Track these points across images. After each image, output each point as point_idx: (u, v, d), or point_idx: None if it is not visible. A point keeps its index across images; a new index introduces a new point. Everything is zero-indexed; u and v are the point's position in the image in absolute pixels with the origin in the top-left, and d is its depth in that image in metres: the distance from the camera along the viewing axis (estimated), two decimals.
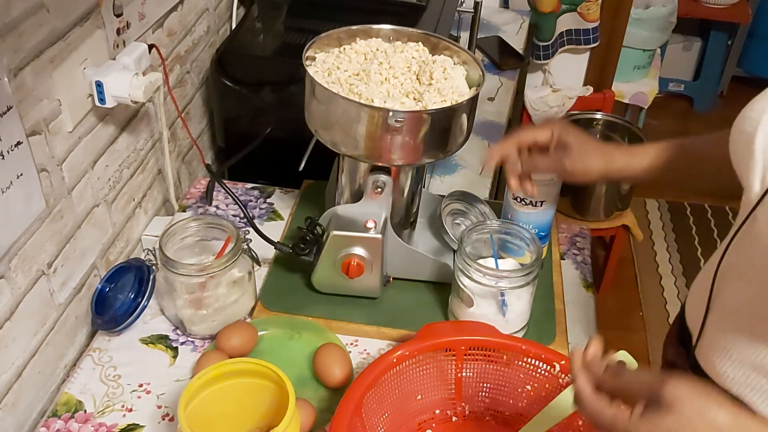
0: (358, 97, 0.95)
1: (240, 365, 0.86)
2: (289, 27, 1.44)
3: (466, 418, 0.93)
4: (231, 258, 0.99)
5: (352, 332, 1.06)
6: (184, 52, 1.29)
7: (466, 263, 0.97)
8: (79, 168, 0.99)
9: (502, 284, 0.97)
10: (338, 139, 0.99)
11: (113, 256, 1.12)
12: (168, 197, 1.26)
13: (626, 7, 2.28)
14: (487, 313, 0.99)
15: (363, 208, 1.03)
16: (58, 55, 0.90)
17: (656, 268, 2.57)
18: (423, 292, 1.11)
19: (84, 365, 1.00)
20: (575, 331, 1.07)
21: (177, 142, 1.31)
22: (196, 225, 1.05)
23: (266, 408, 0.87)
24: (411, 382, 0.89)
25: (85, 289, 1.05)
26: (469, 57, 1.04)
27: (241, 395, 0.87)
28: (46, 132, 0.90)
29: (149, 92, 1.00)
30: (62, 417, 0.94)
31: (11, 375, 0.90)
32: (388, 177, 1.04)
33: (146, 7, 1.10)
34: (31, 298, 0.92)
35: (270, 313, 1.07)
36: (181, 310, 1.02)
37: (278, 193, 1.32)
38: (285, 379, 0.82)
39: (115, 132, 1.08)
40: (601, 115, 1.96)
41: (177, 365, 1.01)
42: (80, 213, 1.01)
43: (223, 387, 0.86)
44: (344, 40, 1.05)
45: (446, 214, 1.15)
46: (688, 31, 3.30)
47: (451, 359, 0.90)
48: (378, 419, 0.86)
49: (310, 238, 1.05)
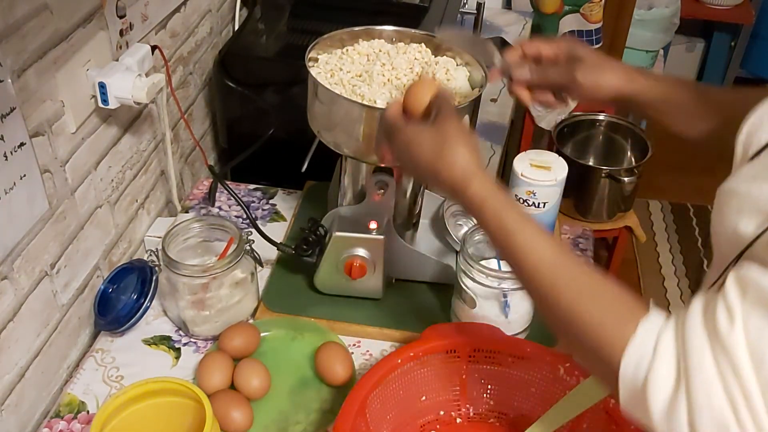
0: (360, 98, 0.95)
1: (157, 384, 0.83)
2: (291, 28, 1.44)
3: (470, 419, 0.93)
4: (234, 259, 0.99)
5: (355, 333, 1.05)
6: (187, 54, 1.29)
7: (468, 264, 0.97)
8: (82, 169, 0.99)
9: (504, 285, 0.97)
10: (341, 140, 0.99)
11: (116, 257, 1.12)
12: (171, 198, 1.27)
13: (629, 8, 2.28)
14: (490, 314, 0.99)
15: (365, 209, 1.03)
16: (61, 57, 0.90)
17: (659, 270, 2.57)
18: (425, 293, 1.11)
19: (87, 366, 1.00)
20: None
21: (180, 143, 1.31)
22: (199, 226, 1.05)
23: (188, 427, 0.84)
24: (415, 384, 0.89)
25: (88, 290, 1.05)
26: (471, 58, 1.04)
27: (162, 415, 0.84)
28: (50, 133, 0.90)
29: (152, 93, 1.00)
30: (65, 418, 0.94)
31: (14, 376, 0.90)
32: (390, 178, 1.04)
33: (149, 9, 1.10)
34: (34, 298, 0.92)
35: (272, 314, 1.07)
36: (184, 311, 1.02)
37: (281, 194, 1.32)
38: (203, 398, 0.80)
39: (118, 133, 1.08)
40: (604, 116, 1.95)
41: (180, 366, 1.01)
42: (83, 214, 1.01)
43: (143, 407, 0.83)
44: (347, 42, 1.05)
45: (448, 215, 1.15)
46: (691, 32, 3.29)
47: (456, 361, 0.90)
48: (382, 420, 0.86)
49: (312, 239, 1.05)
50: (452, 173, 0.73)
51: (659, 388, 0.59)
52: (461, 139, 0.75)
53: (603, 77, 0.88)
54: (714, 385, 0.56)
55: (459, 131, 0.76)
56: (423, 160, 0.76)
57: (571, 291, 0.65)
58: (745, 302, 0.56)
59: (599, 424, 0.84)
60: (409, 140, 0.78)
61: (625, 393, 0.61)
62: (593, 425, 0.84)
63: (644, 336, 0.60)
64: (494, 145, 1.53)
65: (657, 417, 0.60)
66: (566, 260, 0.68)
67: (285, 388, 0.98)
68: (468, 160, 0.73)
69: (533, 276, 0.68)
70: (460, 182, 0.73)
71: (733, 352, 0.56)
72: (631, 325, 0.61)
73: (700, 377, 0.57)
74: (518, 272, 0.70)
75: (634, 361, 0.60)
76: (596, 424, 0.84)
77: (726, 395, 0.56)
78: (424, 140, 0.76)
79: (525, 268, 0.68)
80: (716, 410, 0.56)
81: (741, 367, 0.55)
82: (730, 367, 0.56)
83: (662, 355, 0.59)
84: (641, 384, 0.60)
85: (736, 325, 0.56)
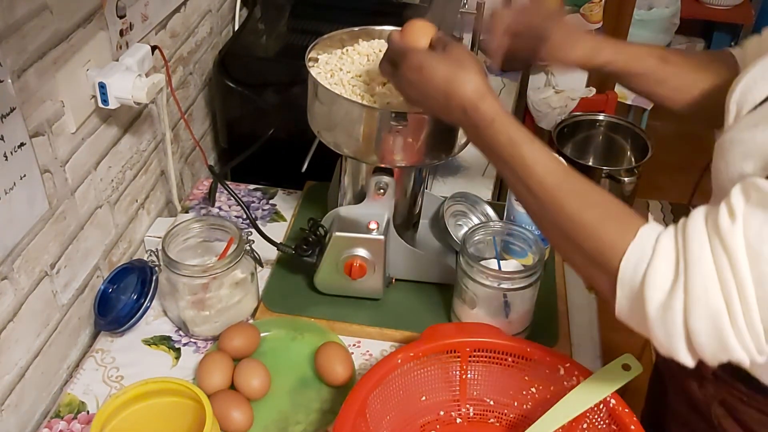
0: (360, 98, 0.95)
1: (157, 384, 0.83)
2: (291, 28, 1.44)
3: (470, 420, 0.93)
4: (234, 259, 0.99)
5: (355, 333, 1.05)
6: (187, 54, 1.29)
7: (468, 265, 0.97)
8: (82, 169, 0.99)
9: (504, 286, 0.97)
10: (341, 141, 0.99)
11: (116, 257, 1.12)
12: (171, 198, 1.27)
13: (629, 9, 2.28)
14: (490, 314, 0.99)
15: (365, 209, 1.03)
16: (61, 57, 0.90)
17: None
18: (425, 293, 1.11)
19: (87, 366, 1.00)
20: (578, 333, 1.07)
21: (180, 144, 1.31)
22: (199, 226, 1.05)
23: (188, 427, 0.84)
24: (415, 384, 0.89)
25: (88, 290, 1.05)
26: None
27: (162, 415, 0.84)
28: (50, 133, 0.90)
29: (152, 93, 1.00)
30: (65, 418, 0.94)
31: (14, 376, 0.90)
32: (390, 178, 1.04)
33: (149, 9, 1.10)
34: (34, 299, 0.92)
35: (272, 314, 1.07)
36: (184, 311, 1.02)
37: (281, 195, 1.32)
38: (203, 398, 0.80)
39: (118, 133, 1.08)
40: (604, 116, 1.96)
41: (180, 366, 1.01)
42: (83, 214, 1.01)
43: (143, 407, 0.83)
44: (347, 42, 1.06)
45: (449, 216, 1.15)
46: (691, 32, 3.29)
47: (456, 361, 0.90)
48: (382, 420, 0.86)
49: (312, 239, 1.05)
50: (465, 92, 0.77)
51: (657, 284, 0.62)
52: (474, 64, 0.79)
53: (568, 54, 0.93)
54: (711, 279, 0.60)
55: (471, 57, 0.80)
56: (436, 82, 0.79)
57: (576, 199, 0.69)
58: (748, 204, 0.60)
59: (599, 425, 0.84)
60: (422, 63, 0.81)
61: (623, 297, 0.65)
62: (593, 425, 0.84)
63: (644, 239, 0.64)
64: None
65: (653, 314, 0.63)
66: (571, 173, 0.72)
67: (285, 389, 0.98)
68: (480, 82, 0.77)
69: (539, 185, 0.71)
70: (474, 100, 0.76)
71: (732, 248, 0.59)
72: (632, 230, 0.64)
73: (699, 271, 0.60)
74: (524, 183, 0.73)
75: (633, 261, 0.63)
76: (596, 425, 0.84)
77: (721, 289, 0.60)
78: (438, 63, 0.80)
79: (532, 178, 0.72)
80: (711, 303, 0.60)
81: (738, 261, 0.59)
82: (727, 261, 0.59)
83: (661, 254, 0.62)
84: (639, 283, 0.63)
85: (737, 223, 0.59)
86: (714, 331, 0.61)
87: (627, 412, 0.81)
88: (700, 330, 0.61)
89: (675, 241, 0.63)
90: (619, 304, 0.66)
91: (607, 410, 0.83)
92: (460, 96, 0.77)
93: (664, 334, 0.63)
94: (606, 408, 0.83)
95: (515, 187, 0.75)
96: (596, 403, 0.83)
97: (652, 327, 0.64)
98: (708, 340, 0.61)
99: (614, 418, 0.82)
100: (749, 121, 0.69)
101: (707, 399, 0.84)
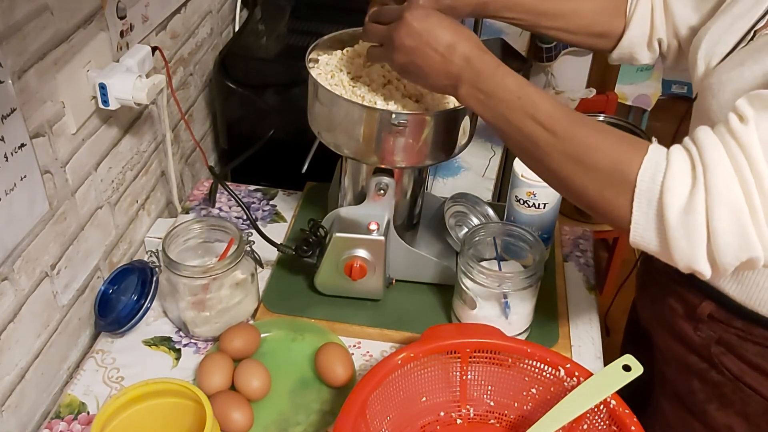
0: (360, 99, 0.96)
1: (158, 385, 0.83)
2: (292, 29, 1.44)
3: (470, 420, 0.93)
4: (234, 260, 0.99)
5: (355, 334, 1.06)
6: (188, 55, 1.29)
7: (468, 265, 0.97)
8: (83, 170, 0.99)
9: (504, 286, 0.97)
10: (341, 141, 0.99)
11: (116, 258, 1.12)
12: (171, 199, 1.27)
13: None
14: (490, 315, 0.99)
15: (366, 210, 1.03)
16: (61, 58, 0.90)
17: None
18: (426, 294, 1.11)
19: (87, 367, 1.00)
20: (578, 334, 1.07)
21: (180, 144, 1.31)
22: (199, 227, 1.05)
23: (188, 428, 0.84)
24: (415, 385, 0.89)
25: (89, 291, 1.05)
26: None
27: (162, 416, 0.84)
28: (50, 134, 0.90)
29: (152, 94, 1.00)
30: (65, 419, 0.94)
31: (14, 376, 0.90)
32: (390, 179, 1.04)
33: (150, 10, 1.10)
34: (35, 299, 0.92)
35: (273, 315, 1.07)
36: (184, 312, 1.02)
37: (281, 195, 1.32)
38: (203, 399, 0.80)
39: (118, 134, 1.08)
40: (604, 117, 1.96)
41: (180, 367, 1.01)
42: (83, 215, 1.01)
43: (144, 408, 0.83)
44: (347, 42, 1.06)
45: (449, 216, 1.15)
46: None
47: (456, 362, 0.90)
48: (382, 421, 0.86)
49: (312, 240, 1.05)
50: (470, 43, 0.80)
51: (676, 190, 0.64)
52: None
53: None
54: (731, 177, 0.62)
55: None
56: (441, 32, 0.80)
57: (586, 125, 0.72)
58: (756, 110, 0.63)
59: (599, 426, 0.84)
60: (428, 13, 0.82)
61: (640, 212, 0.66)
62: (593, 426, 0.84)
63: (656, 152, 0.66)
64: (494, 146, 1.53)
65: (673, 221, 0.64)
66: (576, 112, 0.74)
67: (285, 389, 0.98)
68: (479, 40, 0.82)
69: (551, 118, 0.73)
70: (478, 49, 0.80)
71: (748, 146, 0.61)
72: (643, 147, 0.67)
73: (719, 171, 0.62)
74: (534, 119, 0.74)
75: (650, 171, 0.65)
76: (596, 426, 0.84)
77: (741, 186, 0.62)
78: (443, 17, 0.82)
79: (542, 112, 0.73)
80: (733, 200, 0.62)
81: (756, 158, 0.61)
82: (745, 160, 0.62)
83: (675, 164, 0.64)
84: (658, 192, 0.65)
85: (750, 124, 0.62)
86: (737, 228, 0.62)
87: (627, 413, 0.81)
88: (723, 230, 0.63)
89: (686, 151, 0.65)
90: (635, 222, 0.67)
91: (607, 411, 0.83)
92: (464, 44, 0.79)
93: (686, 241, 0.64)
94: (606, 409, 0.83)
95: (523, 129, 0.75)
96: (596, 404, 0.83)
97: (672, 236, 0.64)
98: (730, 239, 0.63)
99: (614, 419, 0.82)
100: (732, 61, 0.75)
101: (705, 341, 0.86)
